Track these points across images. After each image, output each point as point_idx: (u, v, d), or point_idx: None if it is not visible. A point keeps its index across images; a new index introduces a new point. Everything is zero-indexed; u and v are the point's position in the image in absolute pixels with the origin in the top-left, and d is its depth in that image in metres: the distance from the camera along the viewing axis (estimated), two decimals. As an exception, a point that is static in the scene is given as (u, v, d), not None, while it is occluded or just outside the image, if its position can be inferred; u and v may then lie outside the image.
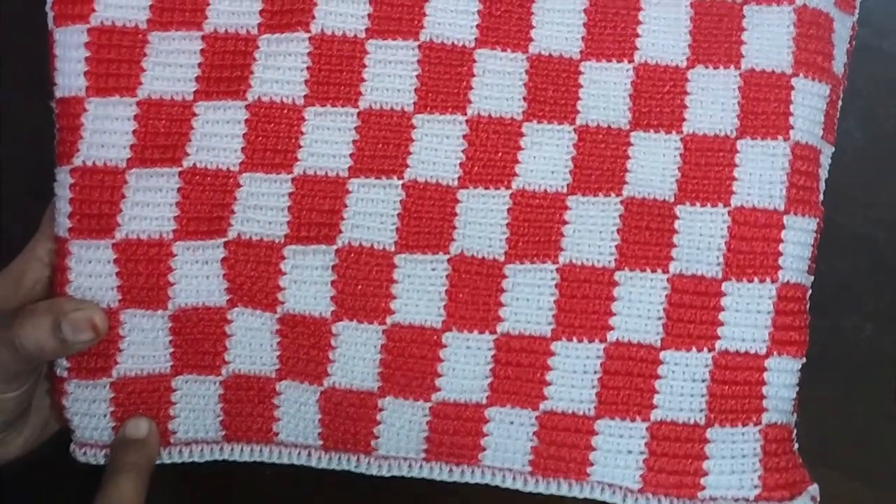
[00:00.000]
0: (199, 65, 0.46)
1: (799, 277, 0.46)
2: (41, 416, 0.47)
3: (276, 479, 0.50)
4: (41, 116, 0.46)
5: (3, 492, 0.50)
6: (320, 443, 0.47)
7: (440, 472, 0.47)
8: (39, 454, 0.48)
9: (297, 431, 0.46)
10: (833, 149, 0.49)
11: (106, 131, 0.45)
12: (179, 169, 0.45)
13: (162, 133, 0.45)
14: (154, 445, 0.46)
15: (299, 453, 0.47)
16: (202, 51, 0.46)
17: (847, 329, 0.53)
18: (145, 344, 0.46)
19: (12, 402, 0.44)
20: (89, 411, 0.46)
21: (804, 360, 0.47)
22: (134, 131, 0.45)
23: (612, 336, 0.46)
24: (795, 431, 0.47)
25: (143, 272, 0.45)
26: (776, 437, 0.46)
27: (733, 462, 0.46)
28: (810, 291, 0.47)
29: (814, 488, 0.46)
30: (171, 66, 0.46)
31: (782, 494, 0.45)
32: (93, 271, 0.45)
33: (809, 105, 0.47)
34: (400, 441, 0.46)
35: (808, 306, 0.47)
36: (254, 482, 0.50)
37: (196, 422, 0.46)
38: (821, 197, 0.48)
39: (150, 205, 0.45)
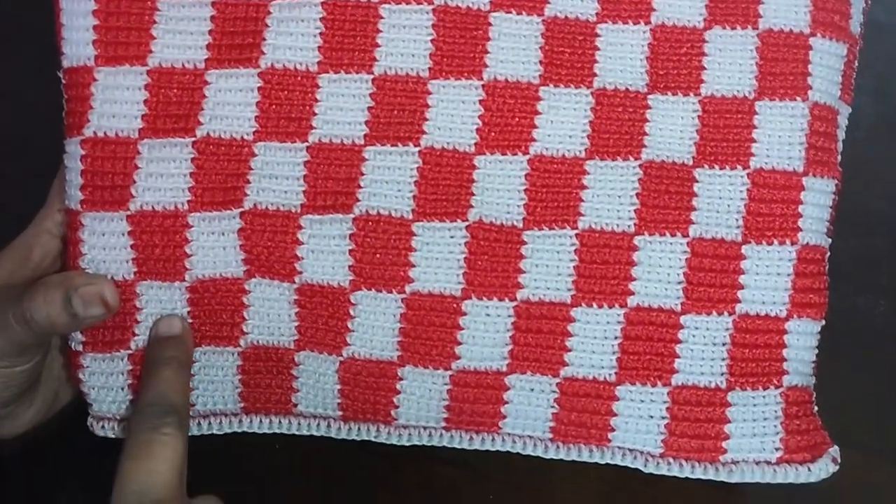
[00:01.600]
0: (210, 32, 0.45)
1: (818, 239, 0.46)
2: (51, 388, 0.47)
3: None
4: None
5: (14, 465, 0.49)
6: (339, 413, 0.46)
7: (460, 440, 0.47)
8: (49, 427, 0.48)
9: (317, 402, 0.46)
10: (850, 109, 0.48)
11: (116, 101, 0.44)
12: (193, 139, 0.45)
13: (174, 102, 0.45)
14: (189, 342, 0.45)
15: (318, 424, 0.47)
16: (213, 17, 0.45)
17: (862, 306, 0.53)
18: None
19: (23, 374, 0.44)
20: (106, 384, 0.45)
21: (823, 322, 0.46)
22: (145, 101, 0.44)
23: (632, 301, 0.46)
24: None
25: (159, 244, 0.45)
26: (797, 399, 0.46)
27: (755, 425, 0.46)
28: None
29: (834, 450, 0.46)
30: (182, 33, 0.45)
31: (804, 457, 0.45)
32: (106, 244, 0.44)
33: (827, 65, 0.46)
34: (420, 410, 0.46)
35: (826, 268, 0.47)
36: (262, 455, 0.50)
37: (215, 394, 0.46)
38: (839, 158, 0.47)
39: (163, 175, 0.45)
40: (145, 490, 0.39)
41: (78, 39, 0.44)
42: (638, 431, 0.46)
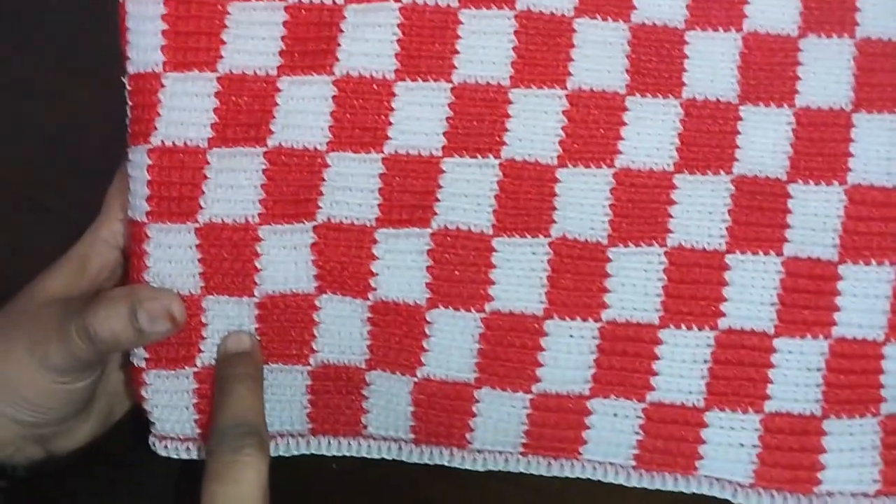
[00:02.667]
0: (283, 37, 0.43)
1: (918, 259, 0.44)
2: (106, 403, 0.46)
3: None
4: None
5: (69, 481, 0.48)
6: (412, 436, 0.45)
7: (538, 466, 0.45)
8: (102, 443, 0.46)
9: (388, 424, 0.44)
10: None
11: (185, 109, 0.43)
12: (264, 149, 0.43)
13: (244, 110, 0.43)
14: (259, 357, 0.44)
15: (389, 447, 0.45)
16: (286, 22, 0.43)
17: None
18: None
19: (84, 390, 0.43)
20: (171, 403, 0.44)
21: (922, 347, 0.44)
22: (215, 109, 0.43)
23: (723, 323, 0.44)
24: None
25: (228, 257, 0.43)
26: (895, 428, 0.44)
27: (851, 455, 0.43)
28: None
29: (935, 483, 0.44)
30: (254, 38, 0.43)
31: (902, 489, 0.43)
32: (173, 256, 0.43)
33: (929, 75, 0.44)
34: (497, 434, 0.44)
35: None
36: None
37: (282, 414, 0.44)
38: None
39: (233, 187, 0.43)
40: None
41: (146, 45, 0.43)
42: (727, 460, 0.44)
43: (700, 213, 0.44)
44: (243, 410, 0.41)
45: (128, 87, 0.43)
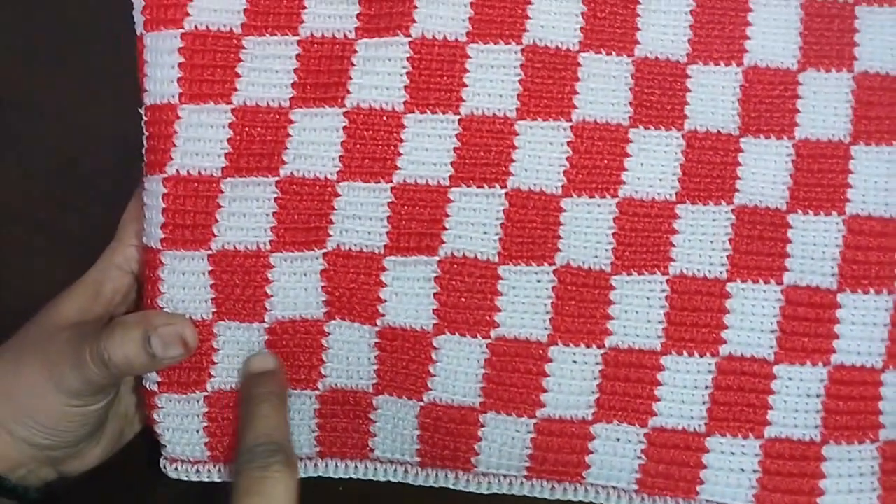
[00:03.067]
0: (296, 70, 0.44)
1: (915, 289, 0.45)
2: (117, 425, 0.47)
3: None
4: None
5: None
6: (418, 459, 0.45)
7: (542, 489, 0.45)
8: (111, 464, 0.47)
9: (395, 447, 0.45)
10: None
11: (200, 139, 0.44)
12: (276, 178, 0.44)
13: (258, 141, 0.44)
14: (283, 377, 0.44)
15: (395, 469, 0.46)
16: (298, 56, 0.44)
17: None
18: (240, 357, 0.45)
19: (96, 413, 0.44)
20: (181, 426, 0.45)
21: (919, 374, 0.45)
22: (229, 139, 0.44)
23: (724, 350, 0.44)
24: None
25: (240, 284, 0.44)
26: (894, 454, 0.44)
27: (850, 481, 0.44)
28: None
29: (934, 508, 0.44)
30: (267, 71, 0.44)
31: (901, 515, 0.44)
32: (186, 283, 0.44)
33: (925, 109, 0.45)
34: (501, 458, 0.45)
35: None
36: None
37: (290, 437, 0.45)
38: None
39: (246, 215, 0.44)
40: None
41: (163, 77, 0.44)
42: (728, 485, 0.44)
43: (702, 242, 0.45)
44: (269, 429, 0.42)
45: (145, 118, 0.44)
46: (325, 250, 0.44)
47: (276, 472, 0.40)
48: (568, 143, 0.44)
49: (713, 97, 0.45)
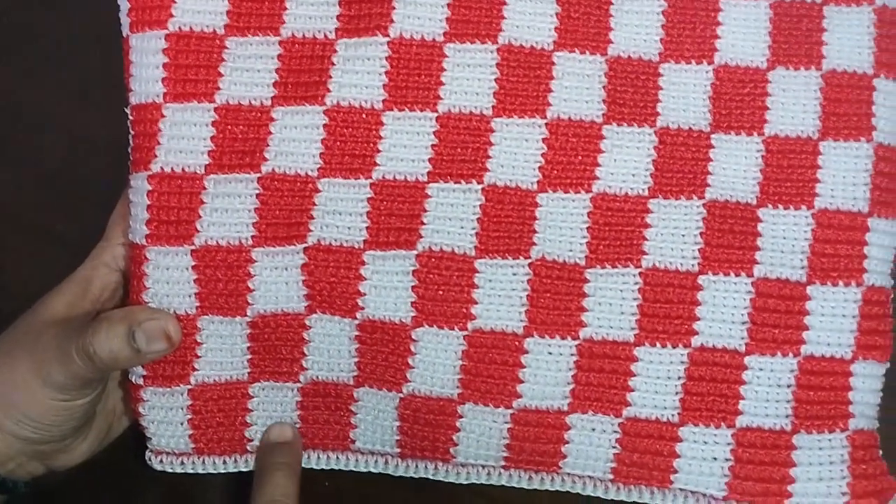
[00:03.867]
0: (277, 70, 0.45)
1: (883, 280, 0.46)
2: (105, 421, 0.47)
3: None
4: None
5: (68, 497, 0.49)
6: (398, 450, 0.46)
7: (519, 479, 0.46)
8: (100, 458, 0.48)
9: (375, 439, 0.46)
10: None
11: (184, 137, 0.45)
12: (258, 175, 0.45)
13: (240, 139, 0.45)
14: (299, 447, 0.46)
15: (376, 461, 0.47)
16: (280, 56, 0.46)
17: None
18: (223, 351, 0.45)
19: (83, 408, 0.44)
20: (166, 419, 0.45)
21: (888, 364, 0.46)
22: (212, 137, 0.45)
23: (696, 341, 0.45)
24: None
25: (222, 278, 0.45)
26: (863, 443, 0.45)
27: (821, 469, 0.45)
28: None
29: (902, 494, 0.45)
30: (249, 71, 0.45)
31: (870, 502, 0.45)
32: (170, 278, 0.45)
33: (892, 106, 0.46)
34: (479, 448, 0.46)
35: (891, 310, 0.46)
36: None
37: None
38: None
39: (228, 211, 0.45)
40: None
41: (148, 77, 0.45)
42: (701, 473, 0.45)
43: (674, 235, 0.45)
44: (278, 496, 0.43)
45: (130, 117, 0.45)
46: (305, 245, 0.45)
47: None
48: (543, 139, 0.46)
49: (685, 95, 0.46)
